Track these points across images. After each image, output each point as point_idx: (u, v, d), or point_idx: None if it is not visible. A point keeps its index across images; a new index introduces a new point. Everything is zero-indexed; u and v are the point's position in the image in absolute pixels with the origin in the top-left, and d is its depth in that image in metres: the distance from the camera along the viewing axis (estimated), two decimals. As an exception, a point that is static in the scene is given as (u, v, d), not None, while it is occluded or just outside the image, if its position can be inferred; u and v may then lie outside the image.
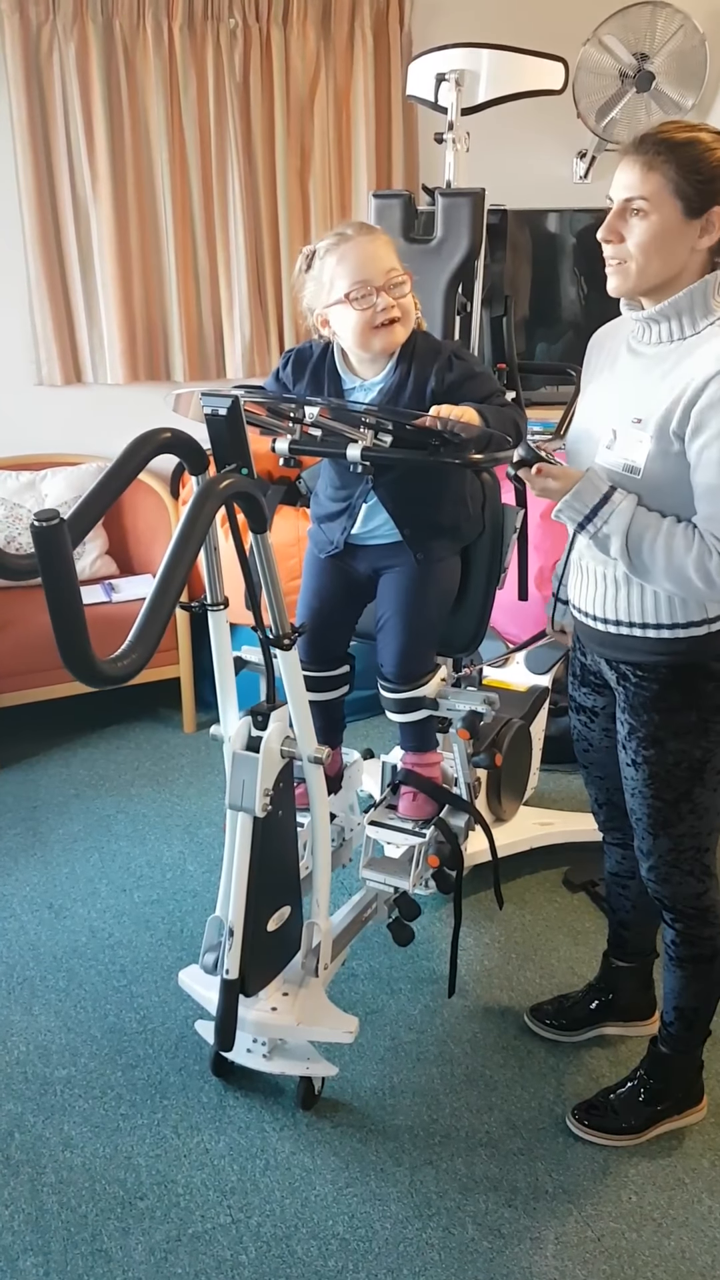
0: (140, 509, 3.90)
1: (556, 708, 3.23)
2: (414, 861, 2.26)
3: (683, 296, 1.65)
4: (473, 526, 2.21)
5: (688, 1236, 1.91)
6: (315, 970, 2.11)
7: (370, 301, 1.92)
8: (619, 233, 1.65)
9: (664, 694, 1.81)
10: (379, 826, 2.29)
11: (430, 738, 2.30)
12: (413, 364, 2.00)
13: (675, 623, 1.76)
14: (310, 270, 1.98)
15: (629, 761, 1.89)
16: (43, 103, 3.63)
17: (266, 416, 1.99)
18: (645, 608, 1.77)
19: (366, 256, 1.92)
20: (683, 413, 1.61)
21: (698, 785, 1.84)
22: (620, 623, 1.81)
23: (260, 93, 3.83)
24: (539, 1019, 2.36)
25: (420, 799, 2.29)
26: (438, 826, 2.27)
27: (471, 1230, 1.92)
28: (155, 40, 3.64)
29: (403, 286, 1.95)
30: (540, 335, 4.32)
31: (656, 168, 1.59)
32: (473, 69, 2.48)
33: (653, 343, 1.71)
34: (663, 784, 1.85)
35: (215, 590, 1.97)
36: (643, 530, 1.66)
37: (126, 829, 3.16)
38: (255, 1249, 1.88)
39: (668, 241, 1.62)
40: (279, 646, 1.88)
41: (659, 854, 1.91)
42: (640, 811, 1.90)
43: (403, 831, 2.28)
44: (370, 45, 3.89)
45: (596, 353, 1.88)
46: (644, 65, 3.98)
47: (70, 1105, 2.17)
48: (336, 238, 1.95)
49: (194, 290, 3.99)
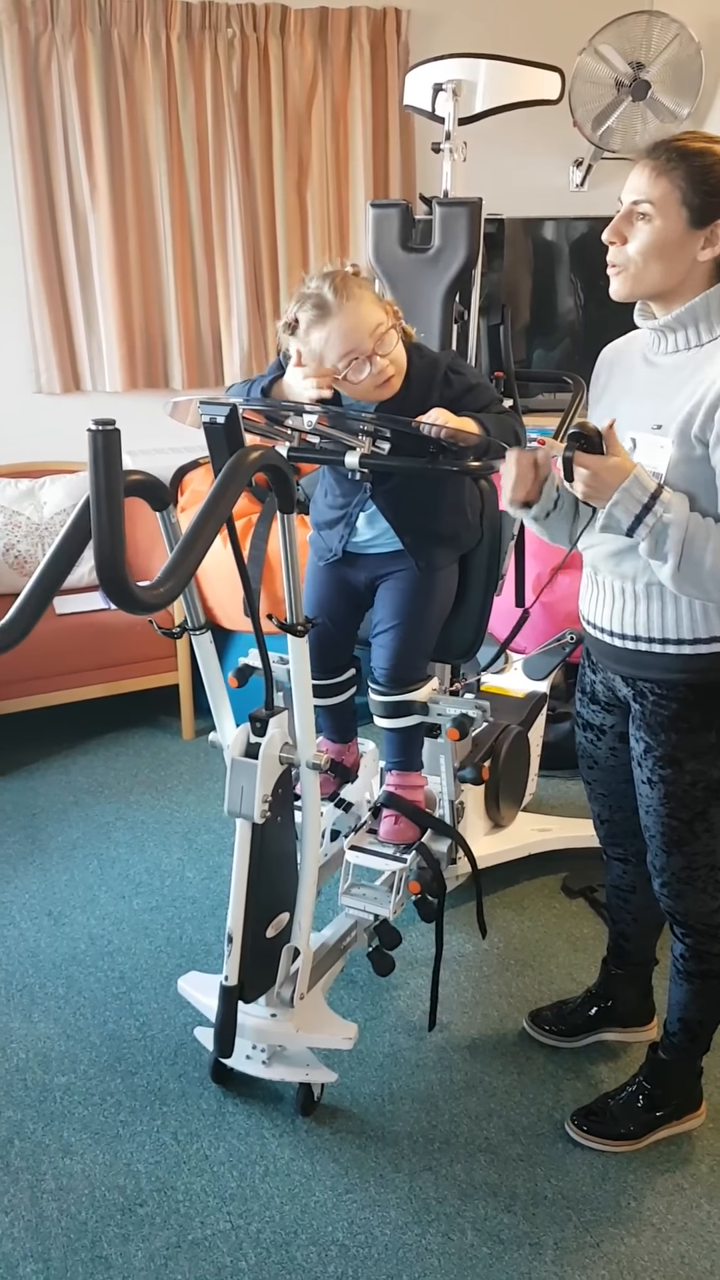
0: (139, 519, 3.89)
1: (555, 714, 3.23)
2: (394, 889, 2.22)
3: (698, 303, 1.64)
4: (471, 534, 2.22)
5: (687, 1242, 1.91)
6: (291, 1000, 2.06)
7: (362, 369, 1.91)
8: (623, 235, 1.65)
9: (683, 713, 1.78)
10: (359, 851, 2.24)
11: (416, 755, 2.28)
12: (410, 383, 2.00)
13: (698, 637, 1.73)
14: (295, 335, 1.95)
15: (644, 780, 1.87)
16: (41, 113, 3.65)
17: (265, 425, 2.00)
18: (666, 622, 1.74)
19: (351, 328, 1.89)
20: (705, 416, 1.60)
21: (714, 804, 1.83)
22: (640, 638, 1.78)
23: (258, 103, 3.85)
24: (538, 1025, 2.36)
25: (402, 823, 2.25)
26: (419, 852, 2.23)
27: (471, 1236, 1.92)
28: (153, 50, 3.66)
29: (391, 337, 1.93)
30: (538, 343, 4.34)
31: (666, 174, 1.59)
32: (469, 79, 2.49)
33: (668, 352, 1.71)
34: (679, 803, 1.83)
35: (195, 614, 1.96)
36: (697, 525, 1.61)
37: (126, 836, 3.16)
38: (255, 1255, 1.88)
39: (669, 249, 1.62)
40: (293, 633, 1.87)
41: (673, 870, 1.90)
42: (655, 829, 1.89)
43: (383, 856, 2.23)
44: (368, 56, 3.92)
45: (606, 371, 1.86)
46: (640, 74, 4.00)
47: (70, 1112, 2.18)
48: (316, 311, 1.90)
49: (192, 299, 4.00)
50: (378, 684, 2.19)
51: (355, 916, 2.33)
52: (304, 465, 2.15)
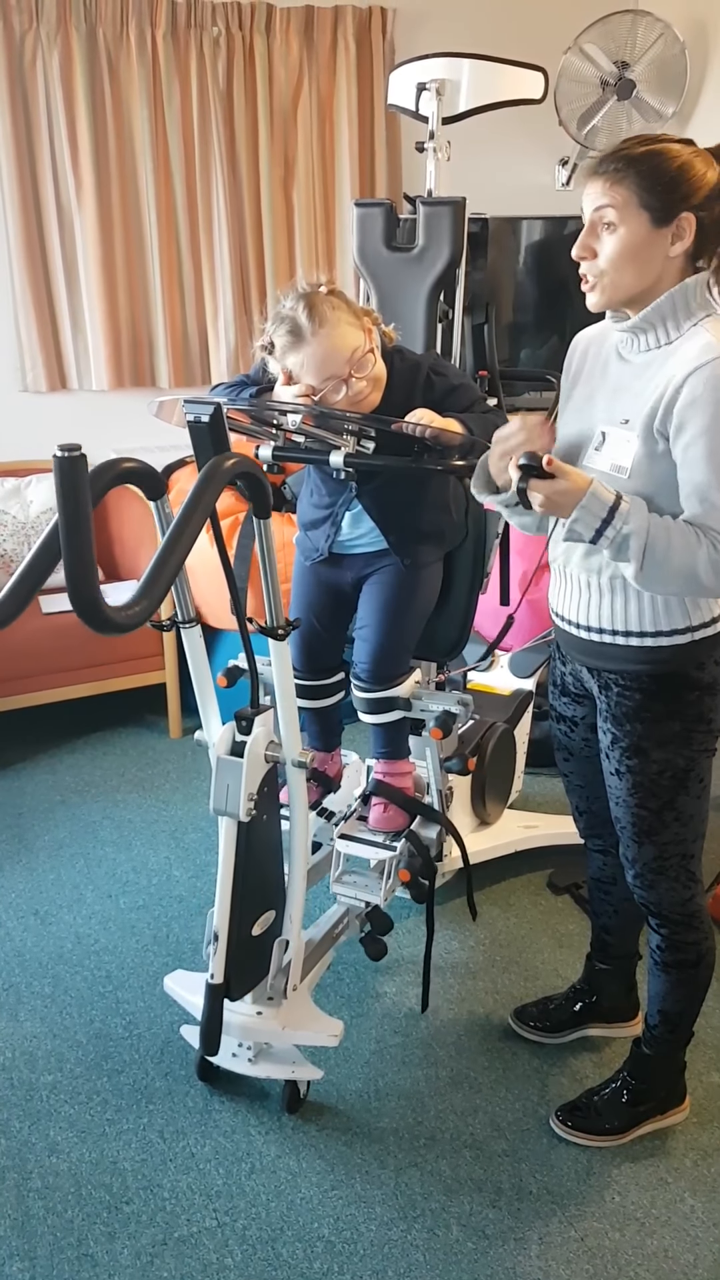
0: (126, 516, 3.91)
1: (540, 711, 3.25)
2: (385, 875, 2.24)
3: (664, 302, 1.65)
4: (456, 532, 2.23)
5: (670, 1236, 1.92)
6: (284, 991, 2.08)
7: (339, 392, 1.92)
8: (592, 248, 1.67)
9: (647, 704, 1.81)
10: (349, 840, 2.26)
11: (402, 745, 2.30)
12: (392, 388, 2.01)
13: (659, 630, 1.76)
14: (273, 356, 1.96)
15: (612, 771, 1.89)
16: (26, 110, 3.64)
17: (250, 424, 2.01)
18: (629, 615, 1.77)
19: (325, 356, 1.90)
20: (665, 411, 1.62)
21: (681, 794, 1.85)
22: (604, 630, 1.80)
23: (244, 101, 3.85)
24: (523, 1021, 2.37)
25: (391, 810, 2.28)
26: (409, 839, 2.25)
27: (456, 1231, 1.93)
28: (139, 48, 3.66)
29: (368, 360, 1.93)
30: (524, 342, 4.35)
31: (620, 183, 1.61)
32: (453, 78, 2.50)
33: (640, 351, 1.72)
34: (647, 793, 1.86)
35: (185, 608, 1.98)
36: (658, 529, 1.62)
37: (112, 835, 3.16)
38: (241, 1252, 1.89)
39: (640, 252, 1.63)
40: (273, 636, 1.88)
41: (644, 861, 1.92)
42: (625, 819, 1.91)
43: (373, 845, 2.25)
44: (353, 54, 3.92)
45: (580, 357, 1.87)
46: (625, 73, 4.01)
47: (56, 1110, 2.18)
48: (290, 337, 1.90)
49: (179, 297, 4.00)
50: (360, 680, 2.20)
51: (347, 904, 2.35)
52: (290, 465, 2.15)
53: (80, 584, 1.29)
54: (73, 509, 1.26)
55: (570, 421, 1.83)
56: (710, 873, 2.77)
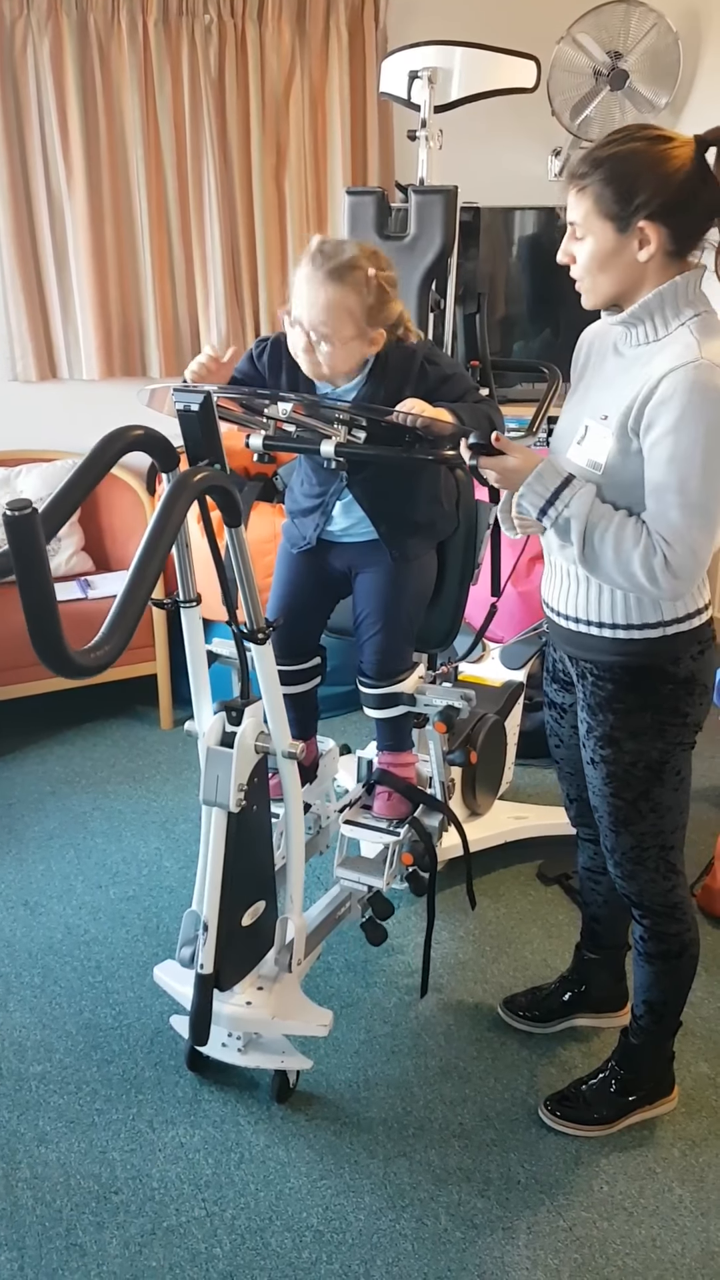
0: (116, 506, 3.89)
1: (531, 703, 3.25)
2: (388, 861, 2.27)
3: (653, 298, 1.66)
4: (447, 523, 2.23)
5: (658, 1225, 1.93)
6: (289, 966, 2.12)
7: (297, 330, 1.94)
8: (571, 255, 1.71)
9: (620, 695, 1.82)
10: (354, 825, 2.31)
11: (406, 737, 2.32)
12: (385, 377, 2.00)
13: (630, 623, 1.77)
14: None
15: (589, 760, 1.91)
16: (17, 98, 3.61)
17: (240, 412, 2.00)
18: (603, 606, 1.78)
19: (304, 297, 1.91)
20: (639, 410, 1.63)
21: (656, 785, 1.86)
22: (580, 620, 1.82)
23: (235, 89, 3.83)
24: (512, 1011, 2.38)
25: (395, 799, 2.31)
26: (412, 826, 2.29)
27: (444, 1221, 1.93)
28: (130, 36, 3.63)
29: (326, 343, 1.92)
30: (517, 333, 4.34)
31: (585, 190, 1.63)
32: (445, 67, 2.49)
33: (633, 345, 1.73)
34: (621, 783, 1.87)
35: (187, 587, 1.98)
36: (598, 518, 1.66)
37: (103, 826, 3.16)
38: (230, 1241, 1.89)
39: (609, 260, 1.66)
40: (253, 641, 1.89)
41: (623, 851, 1.93)
42: (602, 809, 1.92)
43: (377, 830, 2.29)
44: (345, 42, 3.89)
45: (585, 351, 1.88)
46: (618, 63, 3.99)
47: (45, 1100, 2.18)
48: (309, 261, 1.91)
49: (169, 286, 3.98)
50: (366, 676, 2.21)
51: (349, 888, 2.38)
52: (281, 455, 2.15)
53: (45, 638, 1.29)
54: (27, 567, 1.24)
55: (568, 414, 1.84)
56: (698, 865, 2.78)
